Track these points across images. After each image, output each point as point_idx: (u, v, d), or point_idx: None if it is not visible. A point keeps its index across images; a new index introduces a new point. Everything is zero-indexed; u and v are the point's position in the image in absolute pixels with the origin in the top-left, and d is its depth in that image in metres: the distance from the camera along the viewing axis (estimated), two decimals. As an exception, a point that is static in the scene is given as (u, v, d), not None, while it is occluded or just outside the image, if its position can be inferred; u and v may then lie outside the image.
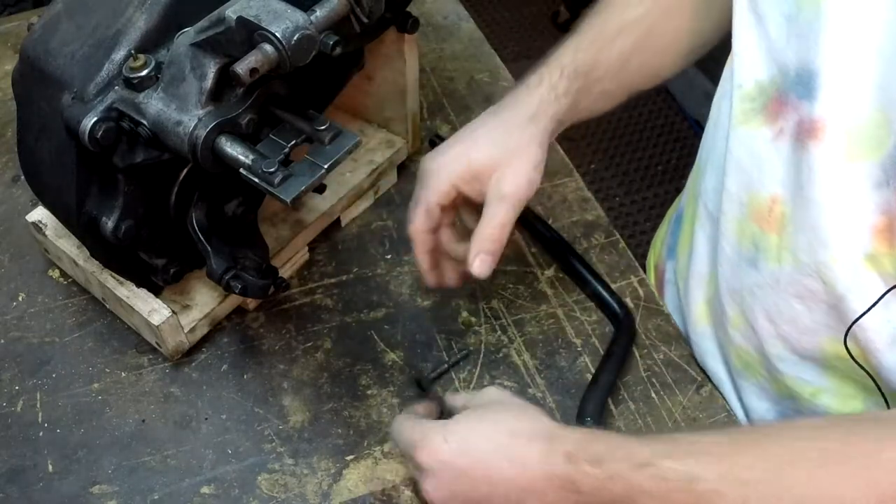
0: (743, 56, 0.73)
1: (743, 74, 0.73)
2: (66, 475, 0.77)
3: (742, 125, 0.74)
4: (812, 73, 0.66)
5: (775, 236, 0.72)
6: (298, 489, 0.76)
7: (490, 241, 0.73)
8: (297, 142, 0.68)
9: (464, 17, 1.22)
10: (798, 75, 0.67)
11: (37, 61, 0.71)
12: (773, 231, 0.72)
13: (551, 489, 0.60)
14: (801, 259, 0.70)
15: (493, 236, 0.73)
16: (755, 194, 0.73)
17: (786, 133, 0.70)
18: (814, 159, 0.66)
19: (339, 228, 0.96)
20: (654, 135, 2.54)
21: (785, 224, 0.71)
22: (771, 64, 0.71)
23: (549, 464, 0.60)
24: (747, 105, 0.73)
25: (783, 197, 0.71)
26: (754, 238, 0.75)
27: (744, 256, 0.76)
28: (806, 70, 0.66)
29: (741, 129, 0.74)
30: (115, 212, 0.73)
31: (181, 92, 0.66)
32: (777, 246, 0.72)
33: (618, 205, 2.33)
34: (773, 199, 0.72)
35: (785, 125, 0.70)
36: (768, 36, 0.70)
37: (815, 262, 0.68)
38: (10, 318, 0.88)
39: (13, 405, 0.82)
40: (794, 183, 0.69)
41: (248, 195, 0.79)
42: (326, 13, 0.65)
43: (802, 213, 0.68)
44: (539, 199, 0.99)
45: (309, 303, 0.90)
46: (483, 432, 0.64)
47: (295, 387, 0.83)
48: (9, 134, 1.05)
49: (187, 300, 0.85)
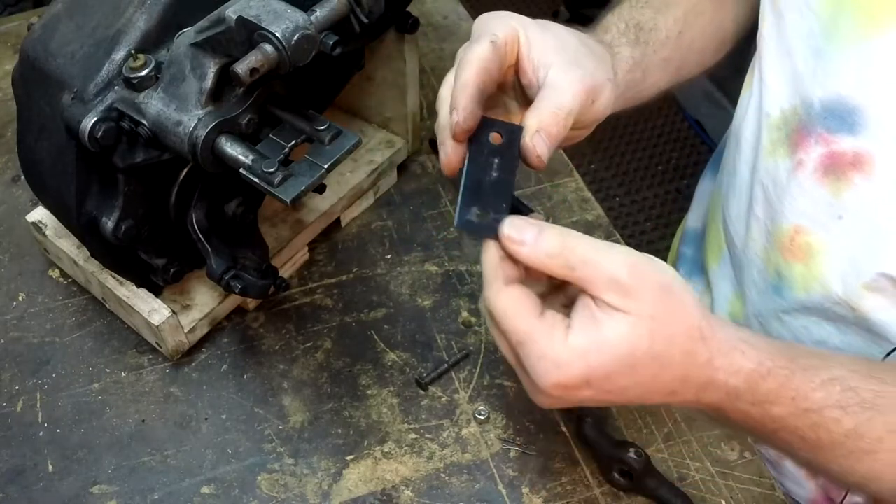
0: (770, 84, 0.73)
1: (770, 103, 0.73)
2: (66, 475, 0.77)
3: (770, 155, 0.74)
4: (852, 108, 0.65)
5: (800, 266, 0.72)
6: (298, 489, 0.76)
7: (553, 120, 0.57)
8: (297, 142, 0.68)
9: (464, 17, 1.22)
10: (827, 109, 0.67)
11: (37, 61, 0.71)
12: (797, 260, 0.73)
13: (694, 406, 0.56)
14: (831, 289, 0.70)
15: (556, 117, 0.57)
16: (778, 224, 0.74)
17: (806, 165, 0.70)
18: (861, 191, 0.66)
19: (339, 228, 0.96)
20: (654, 135, 2.54)
21: (812, 255, 0.71)
22: (794, 94, 0.71)
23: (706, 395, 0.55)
24: (774, 134, 0.73)
25: (808, 228, 0.71)
26: (778, 267, 0.75)
27: (769, 283, 0.77)
28: (841, 105, 0.66)
29: (769, 159, 0.74)
30: (115, 212, 0.73)
31: (181, 92, 0.66)
32: (803, 276, 0.72)
33: (618, 205, 2.33)
34: (795, 230, 0.72)
35: (805, 157, 0.70)
36: (794, 67, 0.70)
37: (847, 292, 0.69)
38: (10, 318, 0.88)
39: (13, 405, 0.81)
40: (827, 215, 0.69)
41: (248, 195, 0.79)
42: (326, 13, 0.65)
43: (839, 243, 0.69)
44: (539, 199, 0.99)
45: (309, 303, 0.90)
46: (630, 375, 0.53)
47: (295, 387, 0.83)
48: (9, 134, 1.05)
49: (187, 300, 0.85)
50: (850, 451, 0.55)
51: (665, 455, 0.79)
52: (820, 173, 0.69)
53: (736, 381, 0.53)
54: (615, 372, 0.51)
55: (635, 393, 0.53)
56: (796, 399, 0.54)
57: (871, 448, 0.55)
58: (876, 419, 0.55)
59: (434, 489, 0.76)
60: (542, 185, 1.01)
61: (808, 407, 0.54)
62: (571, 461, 0.78)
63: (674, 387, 0.54)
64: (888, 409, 0.55)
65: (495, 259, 0.54)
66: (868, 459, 0.55)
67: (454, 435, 0.80)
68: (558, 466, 0.78)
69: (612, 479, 0.76)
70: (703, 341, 0.53)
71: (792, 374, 0.54)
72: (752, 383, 0.54)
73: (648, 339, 0.51)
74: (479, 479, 0.77)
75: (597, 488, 0.77)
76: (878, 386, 0.55)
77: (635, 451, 0.75)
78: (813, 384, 0.55)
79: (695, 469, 0.78)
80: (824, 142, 0.68)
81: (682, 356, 0.52)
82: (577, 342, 0.51)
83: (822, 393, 0.54)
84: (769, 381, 0.54)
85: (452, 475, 0.77)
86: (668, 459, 0.78)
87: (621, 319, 0.51)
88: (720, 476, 0.78)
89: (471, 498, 0.76)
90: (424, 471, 0.78)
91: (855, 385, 0.55)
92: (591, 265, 0.51)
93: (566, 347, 0.51)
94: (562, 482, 0.77)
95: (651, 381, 0.53)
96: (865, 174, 0.66)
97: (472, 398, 0.82)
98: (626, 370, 0.51)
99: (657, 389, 0.53)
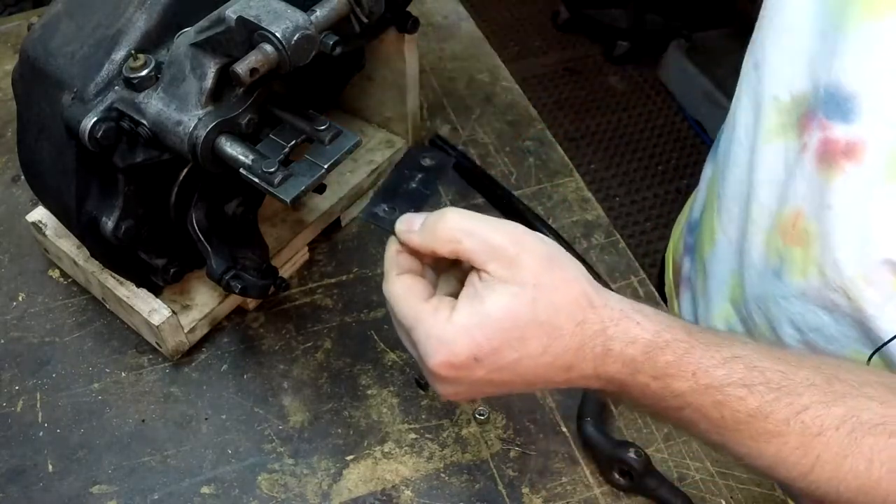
0: (779, 67, 0.72)
1: (780, 86, 0.72)
2: (66, 475, 0.77)
3: (779, 137, 0.73)
4: (848, 94, 0.65)
5: (800, 250, 0.72)
6: (298, 489, 0.76)
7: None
8: (297, 142, 0.68)
9: (464, 17, 1.22)
10: (828, 94, 0.67)
11: (37, 61, 0.70)
12: (796, 245, 0.72)
13: (595, 385, 0.55)
14: (827, 275, 0.69)
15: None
16: (782, 207, 0.74)
17: (809, 150, 0.69)
18: (851, 180, 0.66)
19: (339, 228, 0.96)
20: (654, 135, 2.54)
21: (809, 241, 0.71)
22: (806, 78, 0.70)
23: (604, 366, 0.53)
24: (784, 118, 0.73)
25: (806, 213, 0.71)
26: (779, 251, 0.75)
27: (770, 267, 0.76)
28: (838, 90, 0.66)
29: (778, 141, 0.73)
30: (115, 212, 0.73)
31: (181, 92, 0.66)
32: (802, 260, 0.72)
33: (618, 205, 2.33)
34: (796, 214, 0.72)
35: (809, 141, 0.69)
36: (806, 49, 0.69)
37: (843, 280, 0.68)
38: (10, 318, 0.88)
39: (13, 405, 0.81)
40: (820, 202, 0.68)
41: (248, 195, 0.79)
42: (326, 13, 0.65)
43: (831, 231, 0.68)
44: (539, 199, 0.99)
45: (309, 303, 0.90)
46: (520, 351, 0.53)
47: (295, 387, 0.83)
48: (9, 134, 1.05)
49: (187, 300, 0.85)
50: (757, 433, 0.54)
51: (665, 455, 0.79)
52: (816, 159, 0.69)
53: (633, 352, 0.53)
54: (503, 345, 0.52)
55: (531, 369, 0.53)
56: (697, 374, 0.53)
57: (779, 431, 0.53)
58: (782, 400, 0.53)
59: (434, 489, 0.76)
60: (542, 185, 1.01)
61: (710, 383, 0.53)
62: (571, 461, 0.78)
63: (569, 359, 0.53)
64: (794, 391, 0.53)
65: (392, 252, 0.57)
66: (776, 442, 0.53)
67: (454, 435, 0.80)
68: (558, 466, 0.78)
69: (612, 479, 0.76)
70: (593, 309, 0.53)
71: (692, 347, 0.53)
72: (651, 355, 0.53)
73: (531, 307, 0.51)
74: (479, 479, 0.77)
75: (597, 488, 0.77)
76: (785, 367, 0.54)
77: (635, 451, 0.75)
78: (715, 360, 0.53)
79: (695, 469, 0.78)
80: (822, 127, 0.68)
81: (572, 325, 0.52)
82: (461, 319, 0.52)
83: (724, 370, 0.53)
84: (667, 354, 0.53)
85: (452, 475, 0.77)
86: (668, 459, 0.78)
87: (503, 291, 0.52)
88: (720, 476, 0.78)
89: (471, 498, 0.76)
90: (424, 471, 0.78)
91: (761, 365, 0.54)
92: (475, 236, 0.53)
93: (450, 325, 0.52)
94: (562, 482, 0.77)
95: (543, 354, 0.52)
96: (856, 162, 0.65)
97: (472, 398, 0.82)
98: (514, 342, 0.52)
99: (553, 363, 0.53)
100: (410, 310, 0.55)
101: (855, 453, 0.52)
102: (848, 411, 0.53)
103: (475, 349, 0.52)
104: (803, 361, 0.55)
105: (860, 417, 0.52)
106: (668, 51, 2.64)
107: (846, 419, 0.52)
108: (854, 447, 0.52)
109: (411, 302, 0.55)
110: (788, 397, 0.53)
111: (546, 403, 0.82)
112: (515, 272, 0.52)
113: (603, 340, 0.53)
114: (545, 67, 2.73)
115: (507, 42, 2.78)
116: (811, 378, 0.54)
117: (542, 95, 2.63)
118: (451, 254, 0.54)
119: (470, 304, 0.52)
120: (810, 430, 0.53)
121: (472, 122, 1.08)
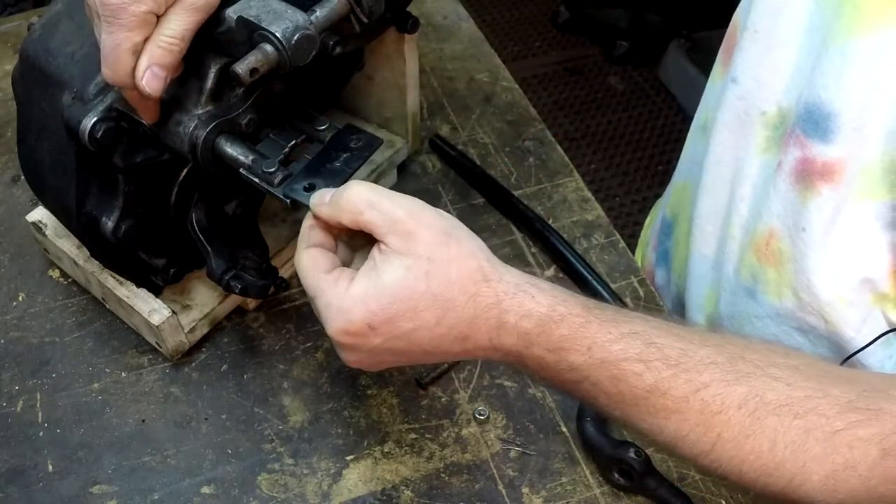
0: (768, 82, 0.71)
1: (768, 101, 0.72)
2: (66, 475, 0.77)
3: (765, 152, 0.73)
4: (828, 113, 0.64)
5: (773, 270, 0.72)
6: (298, 489, 0.76)
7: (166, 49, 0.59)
8: (297, 142, 0.68)
9: (464, 17, 1.22)
10: (808, 112, 0.66)
11: (37, 61, 0.71)
12: (769, 265, 0.72)
13: (494, 356, 0.57)
14: (802, 298, 0.69)
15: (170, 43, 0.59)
16: (756, 223, 0.73)
17: (784, 168, 0.69)
18: (826, 203, 0.65)
19: (339, 228, 0.96)
20: (654, 135, 2.54)
21: (783, 261, 0.70)
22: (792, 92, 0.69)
23: (499, 339, 0.55)
24: (770, 132, 0.72)
25: (779, 232, 0.70)
26: (752, 269, 0.74)
27: (741, 285, 0.76)
28: (818, 109, 0.65)
29: (765, 156, 0.73)
30: (115, 212, 0.73)
31: (181, 92, 0.66)
32: (776, 281, 0.72)
33: (618, 205, 2.33)
34: (769, 233, 0.71)
35: (785, 158, 0.69)
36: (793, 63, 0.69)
37: (819, 303, 0.68)
38: (10, 318, 0.88)
39: (13, 405, 0.81)
40: (794, 222, 0.68)
41: (248, 195, 0.79)
42: (326, 13, 0.65)
43: (805, 254, 0.68)
44: (539, 199, 0.99)
45: (309, 303, 0.90)
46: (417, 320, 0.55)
47: (295, 387, 0.83)
48: (9, 134, 1.05)
49: (187, 300, 0.85)
50: (655, 409, 0.54)
51: (665, 455, 0.79)
52: (793, 178, 0.68)
53: (528, 325, 0.54)
54: (397, 315, 0.54)
55: (426, 339, 0.55)
56: (592, 349, 0.54)
57: (677, 407, 0.53)
58: (680, 377, 0.53)
59: (434, 489, 0.76)
60: (542, 185, 1.01)
61: (605, 357, 0.54)
62: (571, 461, 0.78)
63: (463, 330, 0.55)
64: (693, 369, 0.53)
65: (305, 227, 0.61)
66: (675, 419, 0.54)
67: (454, 435, 0.80)
68: (558, 466, 0.78)
69: (612, 479, 0.76)
70: (487, 283, 0.55)
71: (587, 322, 0.54)
72: (546, 328, 0.54)
73: (425, 280, 0.54)
74: (479, 479, 0.77)
75: (597, 488, 0.77)
76: (685, 345, 0.54)
77: (635, 451, 0.75)
78: (611, 335, 0.54)
79: (695, 469, 0.78)
80: (800, 145, 0.67)
81: (466, 298, 0.54)
82: (357, 289, 0.55)
83: (620, 345, 0.54)
84: (562, 328, 0.54)
85: (452, 475, 0.77)
86: (668, 459, 0.78)
87: (398, 264, 0.54)
88: (720, 476, 0.78)
89: (471, 498, 0.76)
90: (424, 471, 0.78)
91: (659, 342, 0.54)
92: (376, 208, 0.55)
93: (348, 294, 0.55)
94: (562, 482, 0.77)
95: (437, 325, 0.54)
96: (833, 185, 0.64)
97: (472, 398, 0.82)
98: (408, 312, 0.54)
99: (447, 334, 0.55)
100: (313, 280, 0.58)
101: (757, 433, 0.52)
102: (751, 391, 0.53)
103: (370, 317, 0.54)
104: (707, 340, 0.56)
105: (764, 397, 0.52)
106: (668, 51, 2.63)
107: (748, 398, 0.52)
108: (756, 427, 0.52)
109: (315, 273, 0.58)
110: (687, 374, 0.53)
111: (546, 403, 0.82)
112: (411, 245, 0.54)
113: (497, 313, 0.54)
114: (545, 67, 2.73)
115: (507, 42, 2.78)
116: (713, 356, 0.54)
117: (542, 95, 2.63)
118: (353, 224, 0.56)
119: (367, 275, 0.55)
120: (710, 408, 0.53)
121: (472, 122, 1.08)
